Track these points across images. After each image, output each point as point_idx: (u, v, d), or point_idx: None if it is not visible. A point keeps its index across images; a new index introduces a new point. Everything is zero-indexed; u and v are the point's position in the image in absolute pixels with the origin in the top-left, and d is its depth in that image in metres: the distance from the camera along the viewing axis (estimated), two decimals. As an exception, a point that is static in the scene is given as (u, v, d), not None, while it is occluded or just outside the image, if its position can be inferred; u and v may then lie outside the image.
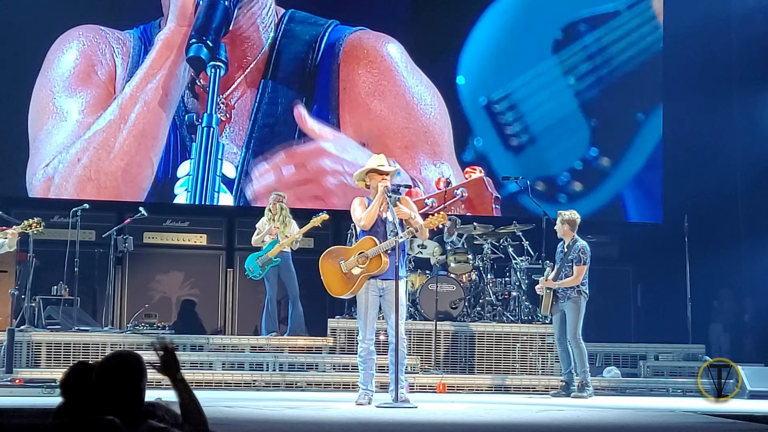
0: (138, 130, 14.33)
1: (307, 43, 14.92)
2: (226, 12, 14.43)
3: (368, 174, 9.22)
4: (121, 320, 14.03)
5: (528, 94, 15.47)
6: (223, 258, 14.82)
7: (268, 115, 14.72)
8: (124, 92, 14.34)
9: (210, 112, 14.39)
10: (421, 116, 15.06)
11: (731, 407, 10.16)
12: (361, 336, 9.16)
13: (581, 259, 11.12)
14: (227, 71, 14.54)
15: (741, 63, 15.47)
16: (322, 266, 9.36)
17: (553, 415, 8.60)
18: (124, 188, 14.33)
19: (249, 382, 11.73)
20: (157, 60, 14.38)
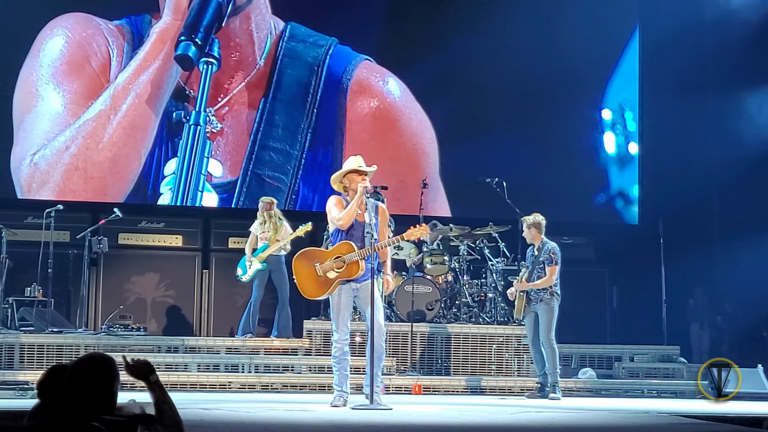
0: (128, 121, 14.26)
1: (309, 66, 14.89)
2: (219, 8, 14.35)
3: (346, 176, 9.19)
4: (96, 322, 13.97)
5: None
6: (199, 259, 14.76)
7: (269, 137, 14.68)
8: (117, 82, 14.25)
9: (199, 110, 14.33)
10: (421, 165, 15.12)
11: (705, 408, 10.20)
12: (335, 336, 9.11)
13: (552, 260, 11.18)
14: (220, 67, 14.47)
15: (715, 67, 15.53)
16: (296, 267, 9.30)
17: (529, 417, 8.60)
18: (110, 179, 14.25)
19: (224, 384, 11.69)
20: (151, 52, 14.32)
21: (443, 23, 15.32)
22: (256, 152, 14.63)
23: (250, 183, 14.60)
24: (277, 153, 14.71)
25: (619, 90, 15.76)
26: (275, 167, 14.69)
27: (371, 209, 9.02)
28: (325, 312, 12.95)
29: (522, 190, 14.71)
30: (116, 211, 13.20)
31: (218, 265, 14.55)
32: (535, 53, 15.37)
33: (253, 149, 14.63)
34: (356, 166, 9.17)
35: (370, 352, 8.83)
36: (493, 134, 15.22)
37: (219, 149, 14.61)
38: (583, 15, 15.52)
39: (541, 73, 15.32)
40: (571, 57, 15.40)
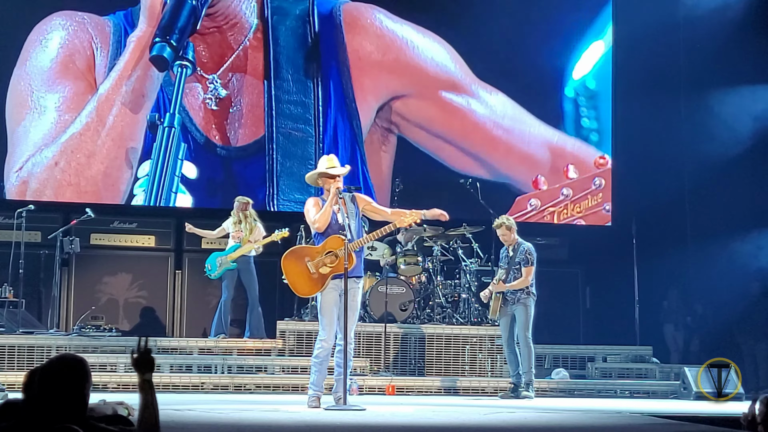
0: (116, 132, 14.14)
1: (300, 18, 14.93)
2: (194, 11, 14.27)
3: (320, 177, 9.17)
4: (67, 323, 13.88)
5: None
6: (172, 260, 14.69)
7: (282, 90, 14.72)
8: (100, 93, 14.12)
9: (173, 111, 14.25)
10: (433, 62, 15.27)
11: (677, 408, 10.25)
12: (322, 336, 9.00)
13: (528, 260, 11.22)
14: (194, 71, 14.41)
15: (688, 67, 15.60)
16: (286, 266, 9.19)
17: (502, 417, 8.61)
18: (104, 192, 14.13)
19: (197, 385, 11.65)
20: (130, 61, 14.21)
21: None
22: (275, 107, 14.62)
23: (278, 138, 14.60)
24: (294, 105, 14.71)
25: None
26: (296, 119, 14.69)
27: (349, 204, 8.99)
28: (299, 312, 12.94)
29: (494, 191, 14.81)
30: (88, 211, 13.12)
31: (191, 266, 14.48)
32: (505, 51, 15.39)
33: (271, 105, 14.61)
34: (326, 168, 9.15)
35: (343, 355, 8.80)
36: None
37: (229, 115, 14.56)
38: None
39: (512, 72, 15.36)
40: (538, 57, 15.47)
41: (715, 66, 15.06)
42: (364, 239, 9.07)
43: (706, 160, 15.01)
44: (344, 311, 8.81)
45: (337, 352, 8.95)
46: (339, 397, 8.82)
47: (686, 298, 15.39)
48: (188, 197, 14.42)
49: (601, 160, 15.28)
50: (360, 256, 9.08)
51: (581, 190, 15.12)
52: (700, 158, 15.19)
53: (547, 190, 15.12)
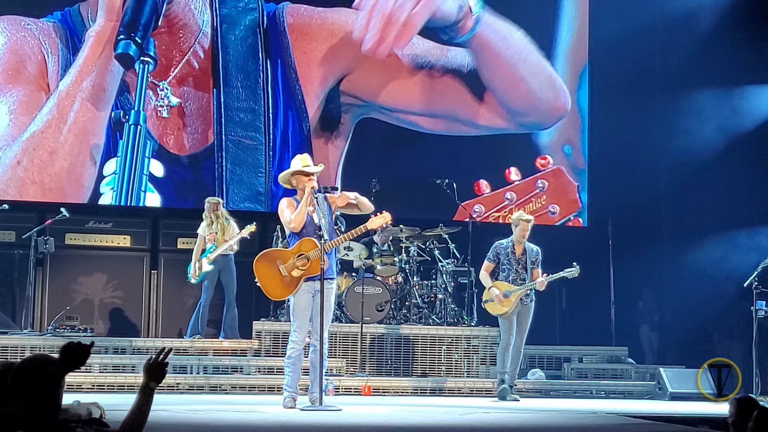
0: (78, 128, 14.03)
1: (250, 27, 14.79)
2: (155, 6, 14.19)
3: (293, 176, 9.16)
4: (42, 323, 13.79)
5: None
6: (147, 260, 14.61)
7: (231, 98, 14.61)
8: (60, 90, 14.00)
9: (138, 108, 14.18)
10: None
11: (652, 408, 10.29)
12: (294, 337, 9.02)
13: (539, 261, 11.34)
14: (156, 67, 14.33)
15: (664, 69, 15.66)
16: (258, 270, 9.20)
17: (478, 418, 8.63)
18: (68, 189, 14.00)
19: (172, 385, 11.60)
20: (90, 56, 14.10)
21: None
22: (224, 115, 14.55)
23: (227, 146, 14.50)
24: (244, 112, 14.63)
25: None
26: (246, 126, 14.61)
27: (322, 204, 8.99)
28: (275, 313, 12.91)
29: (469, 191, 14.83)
30: (63, 210, 13.06)
31: (167, 266, 14.42)
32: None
33: (220, 112, 14.53)
34: (301, 166, 9.14)
35: (319, 357, 8.79)
36: (440, 136, 15.26)
37: (183, 123, 14.48)
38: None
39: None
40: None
41: (690, 68, 15.12)
42: (336, 241, 9.07)
43: (682, 162, 15.07)
44: (320, 312, 8.81)
45: (312, 353, 8.95)
46: (315, 398, 8.82)
47: (661, 299, 15.45)
48: (156, 196, 14.35)
49: (542, 161, 15.21)
50: (332, 258, 9.07)
51: (525, 194, 15.07)
52: (675, 159, 15.24)
53: (491, 194, 15.06)
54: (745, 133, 14.89)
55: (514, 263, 11.29)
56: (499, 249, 11.39)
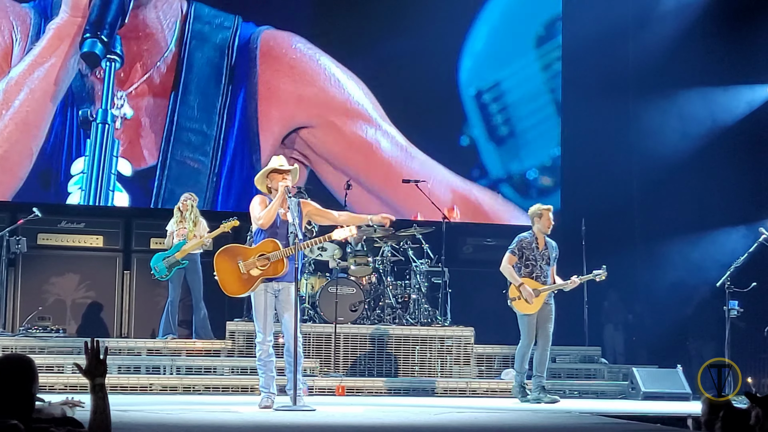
0: (20, 117, 13.95)
1: (219, 47, 14.75)
2: (121, 4, 14.13)
3: (269, 176, 9.16)
4: (14, 323, 13.70)
5: (511, 88, 15.75)
6: (120, 260, 14.55)
7: (185, 117, 14.53)
8: (10, 77, 13.91)
9: (105, 107, 14.10)
10: (346, 92, 15.10)
11: (626, 408, 10.33)
12: (260, 338, 9.06)
13: (557, 258, 11.08)
14: (122, 65, 14.26)
15: (636, 72, 15.72)
16: (218, 263, 9.20)
17: (452, 417, 8.63)
18: (1, 173, 13.95)
19: (145, 386, 11.56)
20: (47, 49, 14.02)
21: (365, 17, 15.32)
22: (174, 134, 14.47)
23: (171, 165, 14.43)
24: (195, 134, 14.57)
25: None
26: (194, 149, 14.54)
27: (294, 208, 8.99)
28: (248, 313, 12.85)
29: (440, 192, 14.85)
30: (35, 210, 12.97)
31: (139, 266, 14.34)
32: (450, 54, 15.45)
33: (171, 131, 14.45)
34: (277, 165, 9.15)
35: (293, 357, 8.78)
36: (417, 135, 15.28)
37: (137, 136, 14.40)
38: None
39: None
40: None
41: (663, 68, 15.19)
42: (297, 246, 8.99)
43: (655, 163, 15.13)
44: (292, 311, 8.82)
45: (285, 352, 8.95)
46: (292, 398, 8.81)
47: (634, 299, 15.50)
48: (125, 195, 14.31)
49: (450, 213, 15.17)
50: (291, 262, 9.02)
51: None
52: (648, 160, 15.31)
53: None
54: (717, 134, 14.96)
55: (539, 258, 10.92)
56: (523, 243, 10.94)
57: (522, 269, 10.88)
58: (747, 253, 12.14)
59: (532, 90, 15.90)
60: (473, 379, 12.62)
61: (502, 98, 15.69)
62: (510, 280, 10.91)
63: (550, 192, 15.52)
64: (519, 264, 10.89)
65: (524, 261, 10.90)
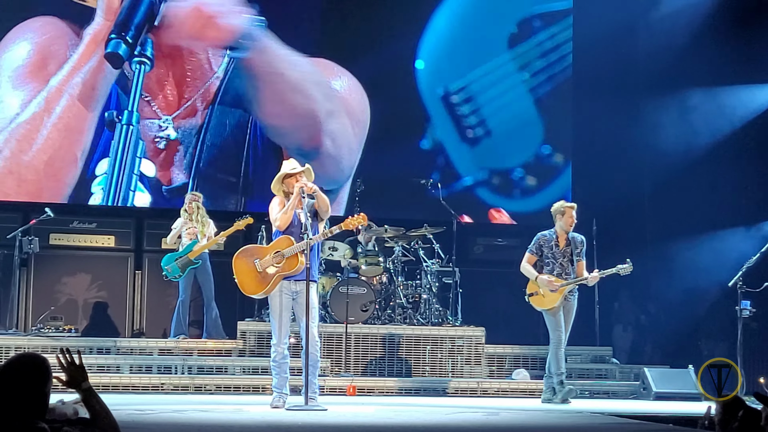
0: (63, 123, 13.98)
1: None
2: (151, 7, 14.15)
3: (284, 181, 9.18)
4: (26, 323, 13.76)
5: (484, 87, 15.59)
6: (132, 260, 14.60)
7: (217, 135, 14.64)
8: (51, 85, 13.94)
9: (131, 109, 14.12)
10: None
11: (637, 408, 10.31)
12: (275, 340, 9.07)
13: (584, 252, 10.91)
14: (153, 67, 14.28)
15: (647, 70, 15.70)
16: (236, 264, 9.24)
17: (464, 417, 8.64)
18: (45, 182, 13.94)
19: (157, 386, 11.59)
20: (85, 54, 14.06)
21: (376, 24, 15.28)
22: (205, 151, 14.51)
23: (200, 181, 14.46)
24: (224, 149, 14.62)
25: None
26: (223, 162, 14.61)
27: (307, 209, 9.01)
28: (260, 313, 12.89)
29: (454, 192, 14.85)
30: (48, 211, 13.02)
31: (151, 266, 14.38)
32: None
33: (202, 148, 14.49)
34: (289, 169, 9.17)
35: (305, 359, 8.79)
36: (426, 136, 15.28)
37: (176, 156, 14.46)
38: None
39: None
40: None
41: (674, 67, 15.15)
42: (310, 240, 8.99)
43: (666, 161, 15.10)
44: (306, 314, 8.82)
45: (303, 353, 8.96)
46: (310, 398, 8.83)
47: (646, 299, 15.47)
48: (147, 195, 14.34)
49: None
50: (313, 259, 9.04)
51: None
52: (660, 159, 15.27)
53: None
54: (729, 133, 14.92)
55: (559, 256, 10.74)
56: (542, 241, 10.77)
57: (543, 268, 10.74)
58: (759, 253, 12.11)
59: (509, 90, 15.71)
60: (484, 379, 12.62)
61: (475, 99, 15.54)
62: (527, 276, 10.81)
63: (534, 191, 15.49)
64: (539, 263, 10.75)
65: (544, 259, 10.76)
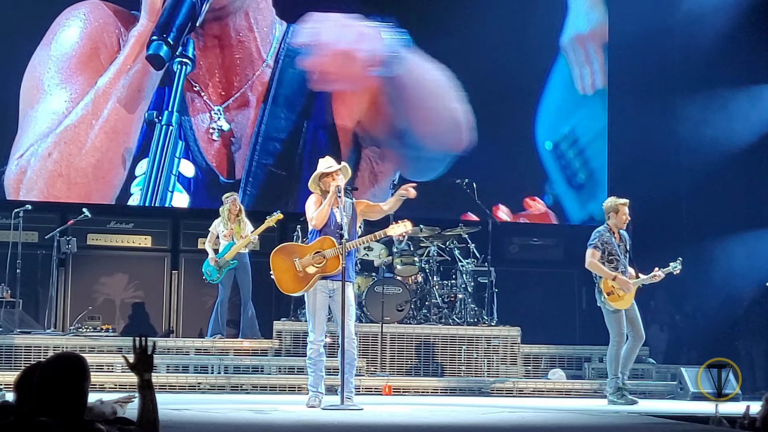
0: (110, 126, 14.07)
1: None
2: (193, 8, 14.20)
3: (321, 179, 9.19)
4: (64, 323, 13.86)
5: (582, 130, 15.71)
6: (168, 260, 14.68)
7: (274, 129, 14.71)
8: (98, 86, 14.03)
9: (171, 109, 14.19)
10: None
11: (674, 408, 10.26)
12: (311, 338, 9.08)
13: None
14: (194, 68, 14.35)
15: (684, 68, 15.61)
16: (275, 262, 9.22)
17: (500, 417, 8.62)
18: (94, 185, 14.05)
19: (194, 385, 11.64)
20: (130, 56, 14.15)
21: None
22: (261, 144, 14.57)
23: (256, 174, 14.54)
24: (279, 143, 14.67)
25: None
26: (279, 157, 14.67)
27: (347, 208, 9.01)
28: (295, 312, 12.93)
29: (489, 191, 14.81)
30: (85, 211, 13.12)
31: (187, 266, 14.47)
32: (500, 55, 15.40)
33: (257, 141, 14.56)
34: (325, 168, 9.18)
35: (341, 358, 8.81)
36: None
37: (231, 147, 14.54)
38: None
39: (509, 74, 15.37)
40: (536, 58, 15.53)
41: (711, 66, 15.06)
42: (354, 243, 9.06)
43: (703, 160, 15.01)
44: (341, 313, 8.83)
45: (339, 352, 8.98)
46: (347, 397, 8.84)
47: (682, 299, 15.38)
48: (185, 196, 14.41)
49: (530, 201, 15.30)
50: (351, 260, 9.08)
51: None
52: (696, 158, 15.19)
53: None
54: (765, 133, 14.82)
55: (620, 252, 10.61)
56: (604, 237, 10.55)
57: (606, 265, 10.54)
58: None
59: (598, 125, 15.80)
60: (520, 379, 12.59)
61: (576, 143, 15.61)
62: (600, 274, 10.54)
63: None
64: (602, 260, 10.54)
65: (607, 256, 10.55)
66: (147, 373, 4.47)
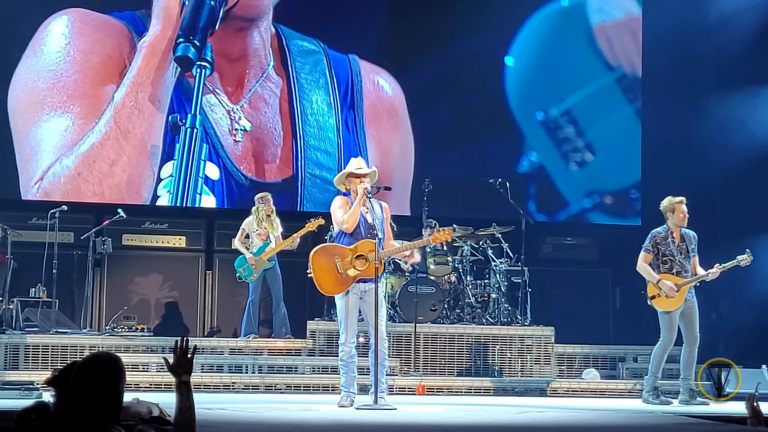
0: (137, 140, 14.01)
1: (319, 69, 14.92)
2: (212, 12, 14.27)
3: (347, 178, 9.21)
4: (100, 322, 13.96)
5: (587, 107, 15.62)
6: (203, 260, 14.75)
7: (309, 136, 14.77)
8: (116, 102, 13.96)
9: (194, 112, 14.24)
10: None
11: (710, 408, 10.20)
12: (342, 339, 9.11)
13: (697, 248, 10.62)
14: (212, 71, 14.40)
15: (718, 66, 15.51)
16: (315, 262, 9.16)
17: (533, 417, 8.60)
18: (128, 198, 14.04)
19: (228, 385, 11.70)
20: (144, 67, 14.09)
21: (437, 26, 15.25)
22: (304, 153, 14.63)
23: (305, 182, 14.60)
24: (320, 152, 14.72)
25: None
26: (321, 166, 14.70)
27: (377, 210, 9.03)
28: (329, 313, 12.95)
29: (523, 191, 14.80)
30: (120, 211, 13.22)
31: (221, 266, 14.53)
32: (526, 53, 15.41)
33: (297, 150, 14.61)
34: (354, 168, 9.19)
35: (374, 358, 8.83)
36: (494, 135, 15.22)
37: (260, 149, 14.61)
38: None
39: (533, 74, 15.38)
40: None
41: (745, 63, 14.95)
42: (395, 250, 9.10)
43: (737, 158, 14.89)
44: (374, 312, 8.85)
45: (371, 352, 9.00)
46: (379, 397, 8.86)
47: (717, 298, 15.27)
48: (212, 198, 14.46)
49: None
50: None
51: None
52: (730, 156, 15.07)
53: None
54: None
55: (677, 253, 10.51)
56: (657, 239, 10.47)
57: (660, 266, 10.46)
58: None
59: (610, 104, 15.74)
60: (554, 379, 12.56)
61: (579, 121, 15.53)
62: (647, 278, 10.52)
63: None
64: (656, 261, 10.47)
65: (661, 257, 10.46)
66: (186, 375, 4.50)
